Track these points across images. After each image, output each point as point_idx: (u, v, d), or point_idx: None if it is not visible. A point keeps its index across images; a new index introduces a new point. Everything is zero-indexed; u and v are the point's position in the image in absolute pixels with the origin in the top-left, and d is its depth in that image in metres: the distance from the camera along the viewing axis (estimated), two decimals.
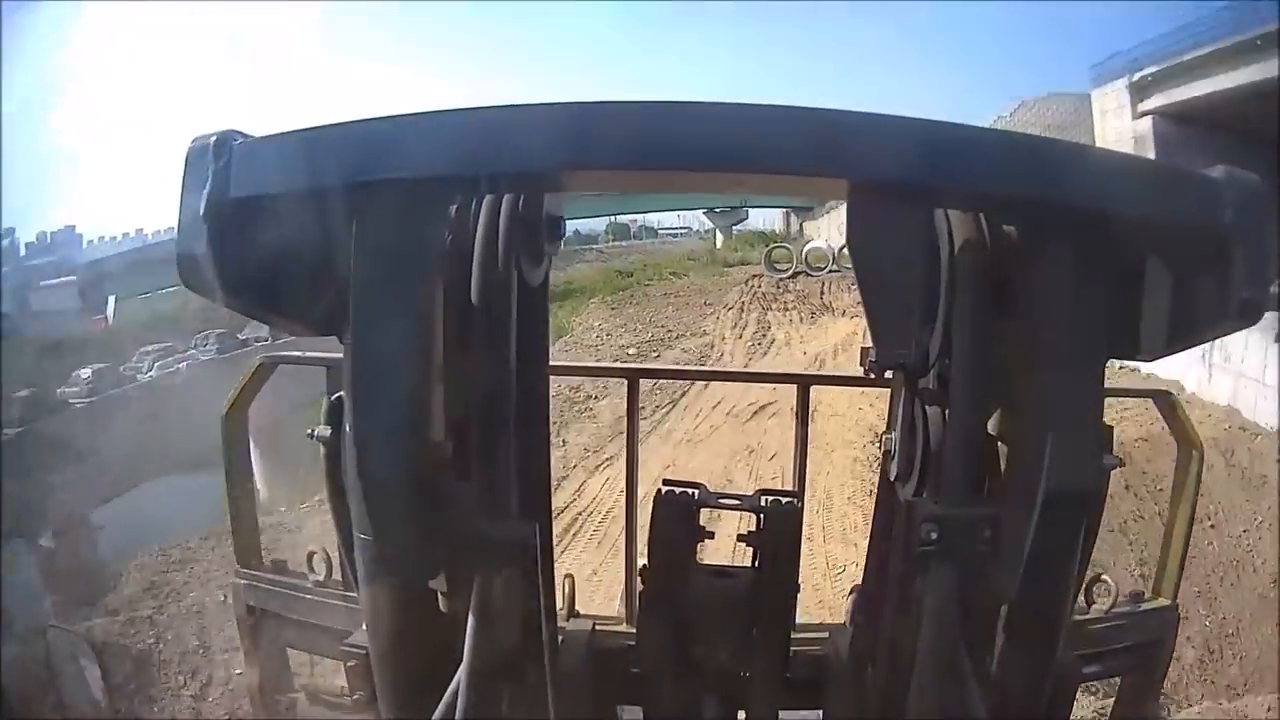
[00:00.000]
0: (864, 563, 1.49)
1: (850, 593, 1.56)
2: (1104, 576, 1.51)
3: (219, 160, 0.91)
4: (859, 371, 1.30)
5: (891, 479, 1.18)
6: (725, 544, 1.66)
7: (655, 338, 13.96)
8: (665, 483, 1.53)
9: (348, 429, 1.07)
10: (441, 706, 1.10)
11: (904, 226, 1.07)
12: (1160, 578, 1.70)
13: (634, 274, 19.88)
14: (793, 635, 1.53)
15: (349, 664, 1.36)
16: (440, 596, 1.15)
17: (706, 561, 1.55)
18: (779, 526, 1.47)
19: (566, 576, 1.78)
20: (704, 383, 10.61)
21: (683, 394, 10.24)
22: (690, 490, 1.53)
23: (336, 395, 1.18)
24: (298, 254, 1.03)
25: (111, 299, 14.66)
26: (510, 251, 1.15)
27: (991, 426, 1.06)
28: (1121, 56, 15.21)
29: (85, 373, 11.27)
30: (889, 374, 1.32)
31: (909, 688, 1.15)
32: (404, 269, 0.95)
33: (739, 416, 9.79)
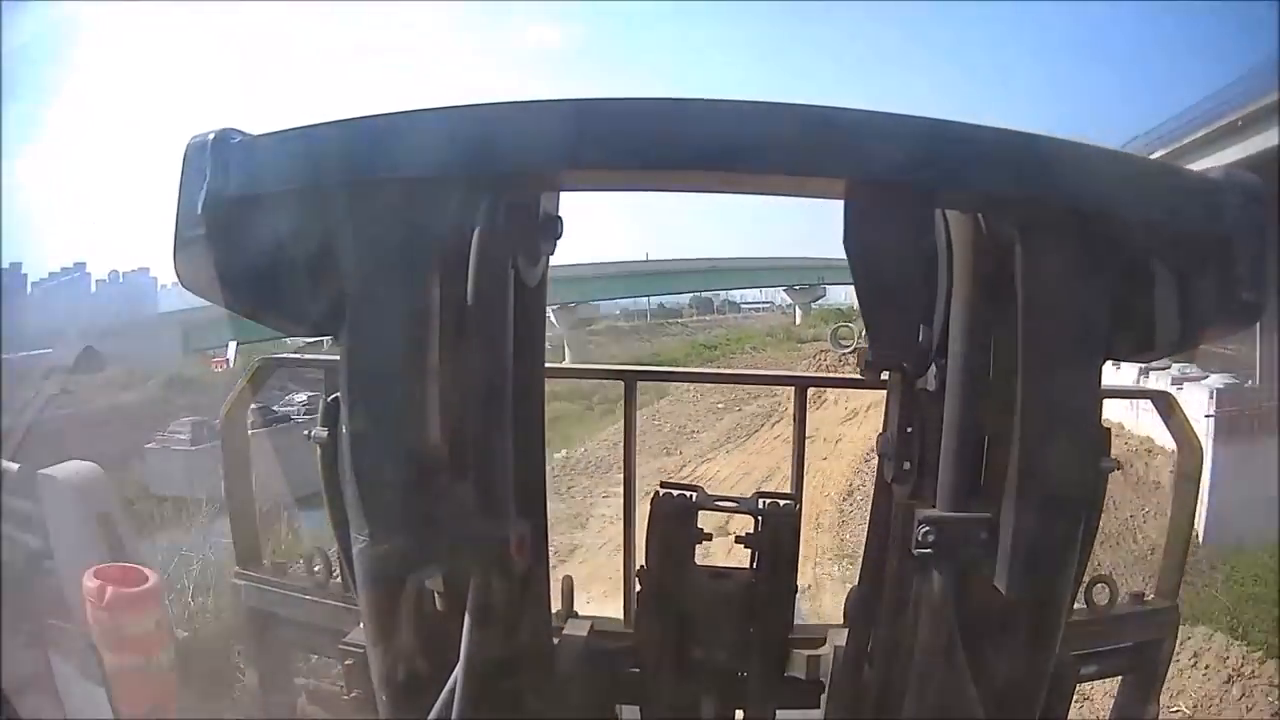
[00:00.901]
0: (860, 564, 1.49)
1: (847, 594, 1.55)
2: (1105, 577, 1.50)
3: (217, 158, 0.91)
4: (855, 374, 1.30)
5: (889, 480, 1.18)
6: (724, 545, 1.68)
7: (738, 398, 16.86)
8: (663, 485, 1.53)
9: (344, 430, 1.07)
10: (438, 706, 1.10)
11: (902, 226, 1.07)
12: (1161, 578, 1.69)
13: (717, 347, 23.17)
14: (791, 636, 1.53)
15: (346, 663, 1.36)
16: (437, 596, 1.15)
17: (705, 564, 1.55)
18: (777, 528, 1.47)
19: (565, 578, 1.78)
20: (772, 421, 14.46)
21: (757, 430, 14.68)
22: (688, 493, 1.52)
23: (333, 396, 1.18)
24: (295, 253, 1.03)
25: (233, 344, 14.97)
26: (507, 251, 1.15)
27: (989, 428, 1.05)
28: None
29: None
30: (885, 375, 1.32)
31: (907, 687, 1.15)
32: (401, 268, 0.95)
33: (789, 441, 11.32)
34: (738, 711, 1.55)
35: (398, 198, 0.93)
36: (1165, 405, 1.63)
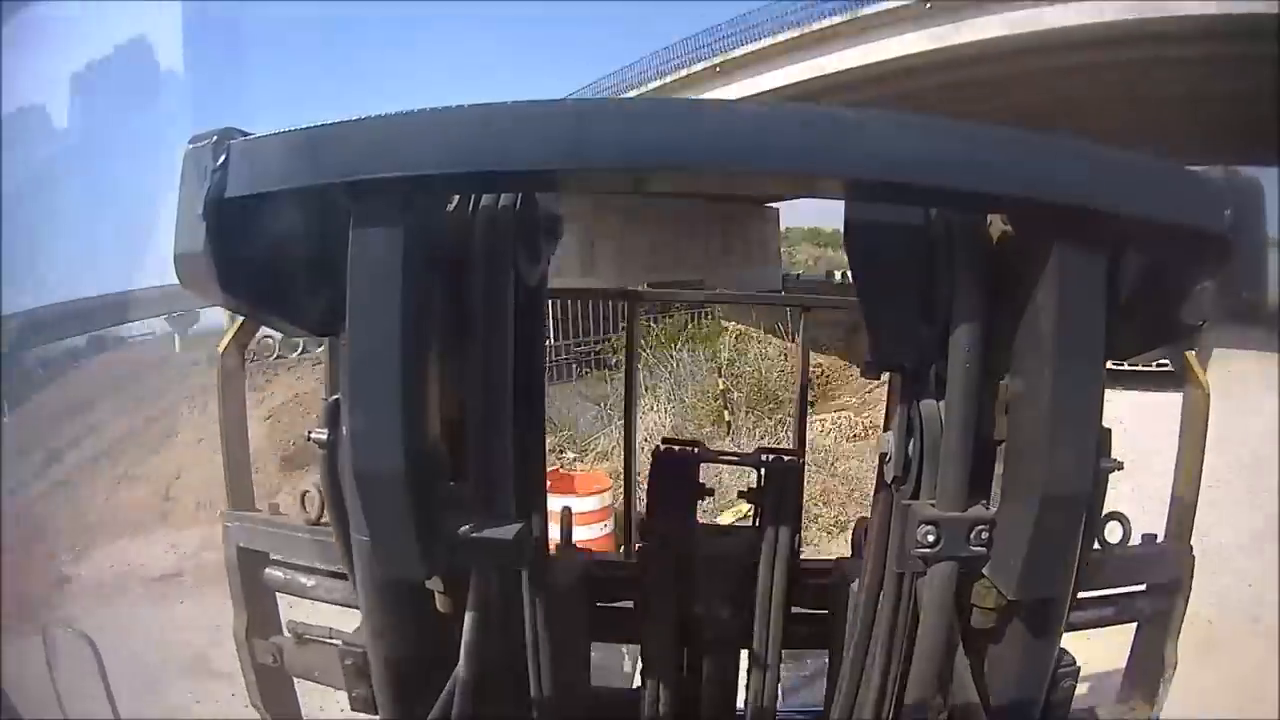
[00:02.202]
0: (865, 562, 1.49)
1: (854, 525, 1.55)
2: (1117, 514, 1.41)
3: (217, 159, 0.91)
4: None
5: (889, 480, 1.18)
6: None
7: None
8: (665, 441, 1.53)
9: (344, 429, 1.07)
10: (438, 706, 1.10)
11: (902, 226, 1.07)
12: (1171, 521, 1.65)
13: None
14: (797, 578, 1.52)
15: (346, 662, 1.36)
16: (437, 596, 1.15)
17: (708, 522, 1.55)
18: (780, 483, 1.46)
19: (564, 508, 1.77)
20: None
21: None
22: (690, 448, 1.51)
23: (334, 397, 1.18)
24: (296, 253, 1.04)
25: None
26: (508, 251, 1.15)
27: (989, 428, 1.06)
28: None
29: None
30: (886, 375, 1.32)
31: (907, 687, 1.15)
32: (401, 268, 0.95)
33: None
34: (742, 650, 1.54)
35: (398, 198, 0.93)
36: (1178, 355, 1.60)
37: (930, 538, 1.03)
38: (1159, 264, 0.99)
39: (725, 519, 5.80)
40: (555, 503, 1.48)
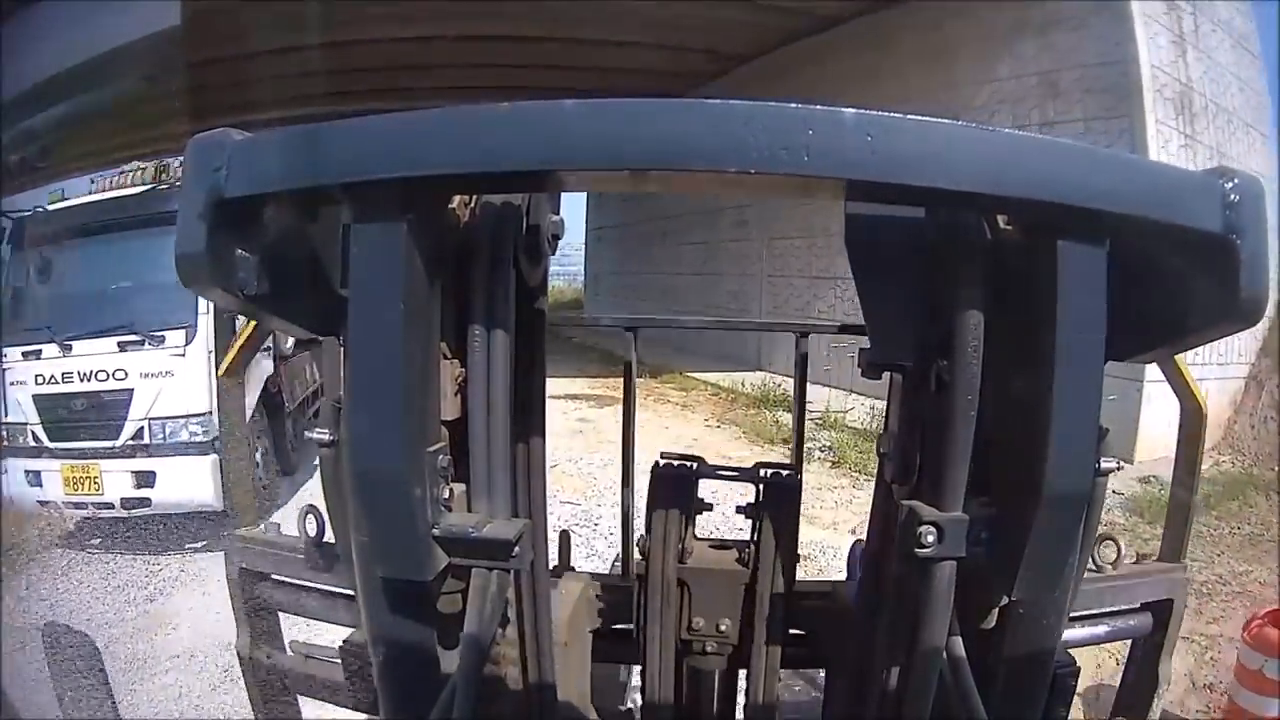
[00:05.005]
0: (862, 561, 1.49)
1: (850, 547, 1.57)
2: (1111, 537, 1.45)
3: (218, 158, 0.91)
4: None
5: (889, 480, 1.18)
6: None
7: None
8: (663, 455, 1.53)
9: (344, 430, 1.07)
10: (438, 706, 1.10)
11: (901, 225, 1.07)
12: (1165, 543, 1.66)
13: None
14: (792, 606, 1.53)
15: (347, 664, 1.37)
16: (438, 597, 1.15)
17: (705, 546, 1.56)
18: (778, 498, 1.47)
19: (562, 532, 1.76)
20: None
21: None
22: (688, 463, 1.52)
23: (335, 397, 1.18)
24: (296, 253, 1.04)
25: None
26: (509, 251, 1.15)
27: (989, 428, 1.06)
28: None
29: None
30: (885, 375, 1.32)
31: (907, 687, 1.15)
32: (402, 269, 0.95)
33: None
34: (740, 670, 1.55)
35: (399, 198, 0.93)
36: (1169, 365, 1.57)
37: (930, 538, 1.03)
38: (1159, 265, 0.99)
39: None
40: None
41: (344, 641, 1.41)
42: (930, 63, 11.01)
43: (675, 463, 1.53)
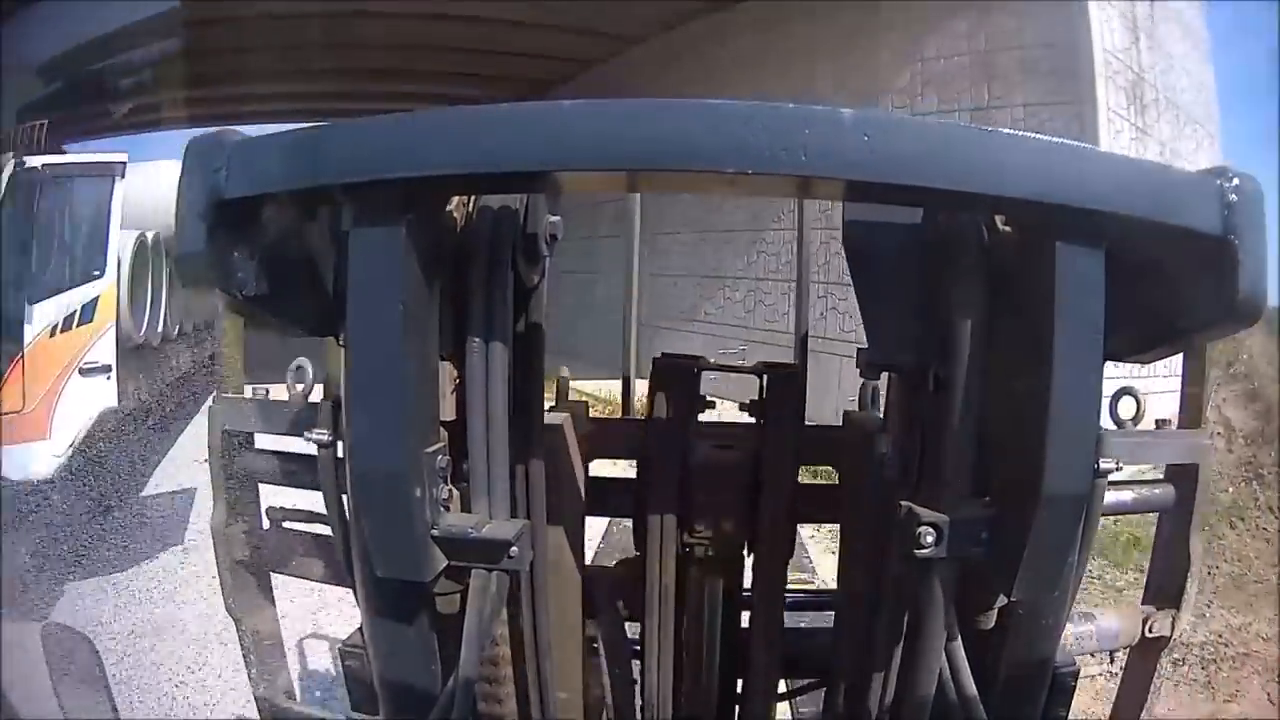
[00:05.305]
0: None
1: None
2: (1130, 389, 1.28)
3: (218, 159, 0.91)
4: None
5: (889, 481, 1.18)
6: None
7: None
8: (664, 355, 1.52)
9: (344, 430, 1.07)
10: (438, 706, 1.10)
11: (900, 226, 1.07)
12: (1187, 411, 1.56)
13: None
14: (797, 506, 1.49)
15: (347, 664, 1.37)
16: (437, 597, 1.15)
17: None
18: (781, 393, 1.45)
19: (560, 377, 1.68)
20: None
21: None
22: (690, 359, 1.50)
23: (334, 398, 1.19)
24: (296, 254, 1.04)
25: None
26: (508, 252, 1.15)
27: (989, 428, 1.06)
28: None
29: None
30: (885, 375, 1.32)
31: (907, 688, 1.16)
32: (401, 269, 0.95)
33: None
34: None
35: (398, 199, 0.93)
36: None
37: (930, 538, 1.03)
38: (1158, 265, 0.99)
39: None
40: None
41: (344, 641, 1.41)
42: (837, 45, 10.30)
43: (677, 359, 1.51)
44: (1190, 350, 1.52)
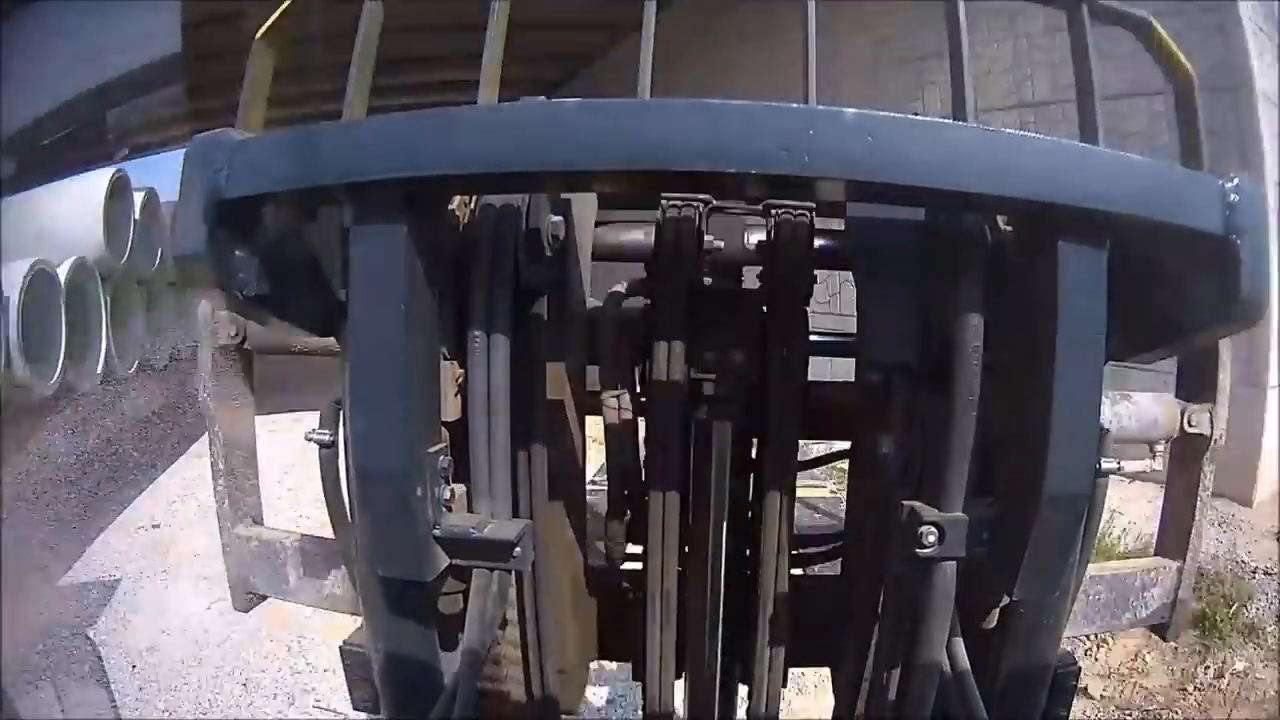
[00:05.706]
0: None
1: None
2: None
3: (218, 158, 0.91)
4: None
5: (889, 481, 1.18)
6: None
7: None
8: (666, 195, 1.40)
9: (344, 430, 1.07)
10: (439, 705, 1.10)
11: (902, 225, 1.07)
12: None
13: None
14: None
15: (348, 664, 1.37)
16: (438, 597, 1.15)
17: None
18: (790, 237, 1.37)
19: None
20: None
21: None
22: (697, 198, 1.41)
23: (334, 398, 1.19)
24: (297, 254, 1.04)
25: None
26: (510, 252, 1.15)
27: (990, 428, 1.06)
28: None
29: None
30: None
31: (907, 689, 1.16)
32: (402, 269, 0.95)
33: None
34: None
35: (399, 199, 0.93)
36: (1147, 35, 1.30)
37: (931, 538, 1.03)
38: (1159, 265, 0.99)
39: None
40: None
41: (344, 641, 1.41)
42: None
43: (682, 199, 1.43)
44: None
